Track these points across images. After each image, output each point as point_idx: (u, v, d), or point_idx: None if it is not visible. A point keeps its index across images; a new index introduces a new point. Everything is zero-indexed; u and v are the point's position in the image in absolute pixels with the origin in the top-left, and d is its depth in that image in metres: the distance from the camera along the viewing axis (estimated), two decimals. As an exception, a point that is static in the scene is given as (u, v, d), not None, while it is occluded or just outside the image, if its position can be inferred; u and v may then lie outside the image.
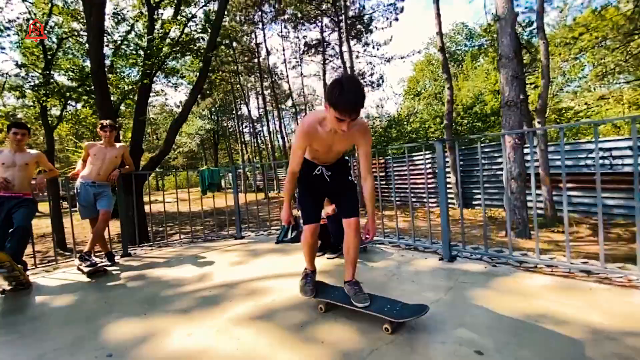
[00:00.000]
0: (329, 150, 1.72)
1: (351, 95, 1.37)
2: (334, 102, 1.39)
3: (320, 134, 1.60)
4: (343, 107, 1.37)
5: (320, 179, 1.82)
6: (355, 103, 1.38)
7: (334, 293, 1.81)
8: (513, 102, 4.73)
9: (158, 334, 1.66)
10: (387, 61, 18.81)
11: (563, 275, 2.06)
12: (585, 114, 13.98)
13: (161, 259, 3.30)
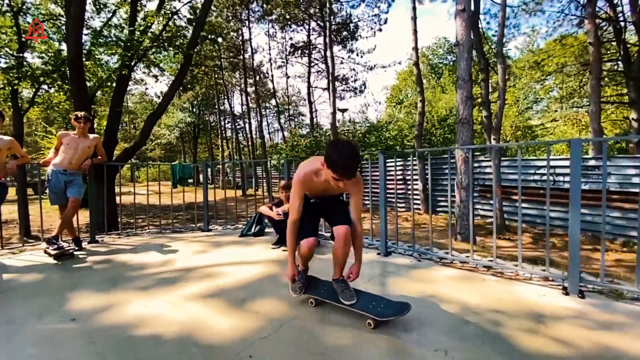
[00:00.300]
0: (323, 194, 1.87)
1: (348, 160, 1.50)
2: (333, 165, 1.52)
3: (315, 182, 1.74)
4: (342, 171, 1.51)
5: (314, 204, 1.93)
6: (352, 167, 1.51)
7: (323, 289, 1.90)
8: (466, 119, 5.26)
9: (118, 305, 1.92)
10: (369, 69, 19.45)
11: (469, 270, 2.50)
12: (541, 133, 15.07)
13: (128, 246, 3.50)
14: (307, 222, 1.89)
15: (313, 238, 1.85)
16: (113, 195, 5.86)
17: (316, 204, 1.92)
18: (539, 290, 2.07)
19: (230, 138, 25.90)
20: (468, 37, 5.36)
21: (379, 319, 1.57)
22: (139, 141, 6.83)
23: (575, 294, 1.96)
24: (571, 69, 13.12)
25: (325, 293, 1.85)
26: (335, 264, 1.84)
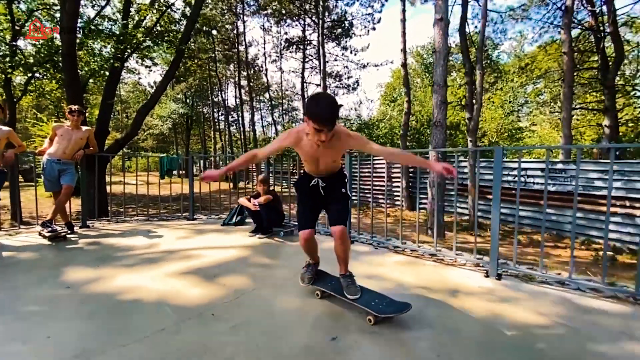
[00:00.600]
0: (317, 163, 1.82)
1: (325, 107, 1.54)
2: (311, 113, 1.54)
3: (305, 143, 1.72)
4: (319, 118, 1.52)
5: (315, 190, 1.91)
6: (330, 113, 1.53)
7: (330, 282, 1.97)
8: (439, 123, 5.63)
9: (106, 278, 2.25)
10: (362, 67, 19.72)
11: (416, 257, 2.87)
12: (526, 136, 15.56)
13: (117, 231, 3.81)
14: (306, 214, 1.92)
15: (309, 230, 1.86)
16: (104, 184, 6.11)
17: (317, 192, 1.90)
18: (467, 274, 2.46)
19: (224, 130, 25.99)
20: (445, 45, 5.70)
21: (380, 316, 1.62)
22: (130, 132, 7.06)
23: (493, 276, 2.35)
24: (554, 74, 13.61)
25: (331, 286, 1.92)
26: (339, 261, 1.87)
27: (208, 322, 1.66)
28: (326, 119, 1.53)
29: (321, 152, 1.73)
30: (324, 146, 1.64)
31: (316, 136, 1.57)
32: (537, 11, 12.55)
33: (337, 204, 1.89)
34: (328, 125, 1.54)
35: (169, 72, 7.60)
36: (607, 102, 9.67)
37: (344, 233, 1.77)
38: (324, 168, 1.86)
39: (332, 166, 1.89)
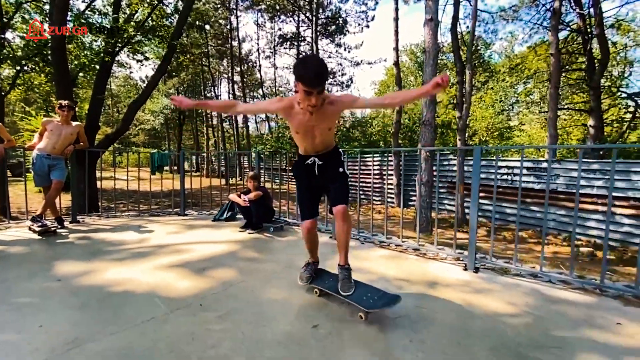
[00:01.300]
0: (312, 133, 1.75)
1: (313, 67, 1.50)
2: (299, 75, 1.51)
3: (297, 112, 1.67)
4: (307, 79, 1.48)
5: (312, 170, 1.86)
6: (318, 74, 1.50)
7: (327, 281, 1.98)
8: (428, 121, 5.75)
9: (97, 271, 2.30)
10: (356, 64, 19.77)
11: (400, 251, 2.98)
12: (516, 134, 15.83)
13: (107, 226, 3.84)
14: (306, 204, 1.91)
15: (310, 220, 1.87)
16: (94, 179, 6.09)
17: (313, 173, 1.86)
18: (447, 267, 2.58)
19: (217, 126, 25.83)
20: (435, 44, 5.80)
21: (369, 311, 1.64)
22: (121, 128, 7.03)
23: (471, 269, 2.47)
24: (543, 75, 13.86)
25: (328, 285, 1.93)
26: (339, 248, 1.84)
27: (196, 312, 1.74)
28: (315, 80, 1.49)
29: (315, 120, 1.68)
30: (317, 113, 1.62)
31: (306, 101, 1.55)
32: (527, 12, 12.74)
33: (335, 184, 1.85)
34: (317, 87, 1.51)
35: (160, 67, 7.55)
36: (592, 102, 9.91)
37: (345, 212, 1.74)
38: (320, 141, 1.79)
39: (328, 138, 1.83)
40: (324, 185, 1.92)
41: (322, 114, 1.66)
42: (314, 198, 1.96)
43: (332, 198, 1.84)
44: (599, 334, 1.63)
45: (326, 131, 1.79)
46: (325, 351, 1.42)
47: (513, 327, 1.66)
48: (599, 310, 1.88)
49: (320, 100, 1.57)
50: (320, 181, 1.90)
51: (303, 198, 1.94)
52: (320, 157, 1.85)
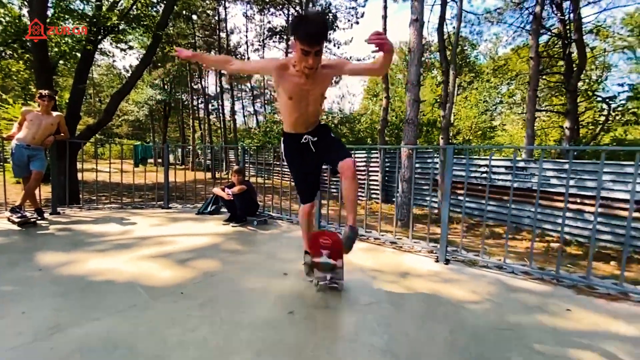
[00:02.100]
0: (306, 100, 1.67)
1: (314, 24, 1.41)
2: (297, 31, 1.41)
3: (292, 73, 1.59)
4: (307, 36, 1.39)
5: (306, 148, 1.80)
6: (318, 31, 1.41)
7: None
8: (411, 120, 5.91)
9: (78, 262, 2.33)
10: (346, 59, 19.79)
11: (378, 244, 3.12)
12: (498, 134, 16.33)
13: (89, 218, 3.82)
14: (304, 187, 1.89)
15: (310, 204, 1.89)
16: (75, 171, 5.98)
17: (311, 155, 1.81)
18: (420, 259, 2.73)
19: (203, 119, 25.44)
20: (419, 45, 5.94)
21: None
22: (103, 119, 6.89)
23: (442, 261, 2.63)
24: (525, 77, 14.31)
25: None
26: (348, 209, 1.73)
27: (177, 299, 1.81)
28: (315, 37, 1.41)
29: (310, 84, 1.60)
30: (312, 76, 1.55)
31: (303, 62, 1.47)
32: (511, 15, 13.10)
33: (333, 145, 1.79)
34: (317, 45, 1.43)
35: (145, 58, 7.42)
36: (568, 105, 10.36)
37: (354, 168, 1.65)
38: (312, 109, 1.73)
39: (319, 108, 1.78)
40: (319, 159, 1.86)
41: (317, 77, 1.60)
42: (312, 178, 1.92)
43: (334, 157, 1.72)
44: (549, 318, 1.80)
45: (319, 98, 1.74)
46: (299, 334, 1.52)
47: (473, 312, 1.82)
48: (552, 298, 2.06)
49: (317, 62, 1.49)
50: (316, 157, 1.83)
51: (301, 181, 1.89)
52: (313, 133, 1.80)
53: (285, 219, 4.13)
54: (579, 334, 1.65)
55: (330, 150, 1.78)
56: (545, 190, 7.29)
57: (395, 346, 1.45)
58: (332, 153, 1.76)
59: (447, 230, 2.66)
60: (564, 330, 1.67)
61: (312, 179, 1.95)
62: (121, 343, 1.38)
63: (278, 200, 4.63)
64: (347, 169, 1.65)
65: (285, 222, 4.05)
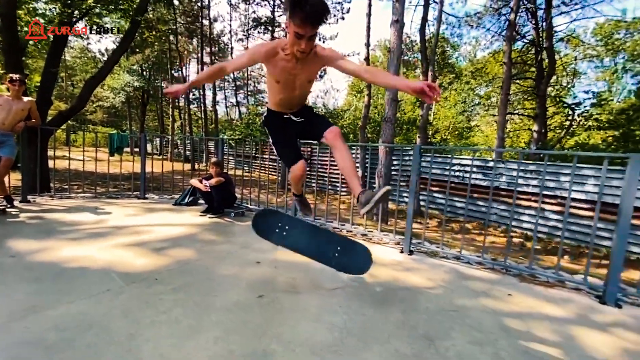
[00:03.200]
0: (293, 84, 1.64)
1: (311, 6, 1.31)
2: (293, 12, 1.32)
3: (280, 57, 1.54)
4: (303, 16, 1.31)
5: (289, 122, 1.81)
6: (317, 12, 1.32)
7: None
8: (389, 118, 6.12)
9: (51, 249, 2.35)
10: (331, 54, 19.83)
11: (350, 236, 3.29)
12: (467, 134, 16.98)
13: (61, 207, 3.76)
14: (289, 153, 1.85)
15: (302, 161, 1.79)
16: (46, 158, 5.78)
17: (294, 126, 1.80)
18: (387, 250, 2.93)
19: (184, 108, 24.78)
20: (399, 45, 6.13)
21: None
22: (77, 105, 6.65)
23: (406, 252, 2.84)
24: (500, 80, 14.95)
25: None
26: (349, 176, 1.63)
27: (151, 285, 1.90)
28: (312, 18, 1.33)
29: (299, 69, 1.56)
30: (302, 61, 1.50)
31: (295, 45, 1.41)
32: (490, 20, 13.60)
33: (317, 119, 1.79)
34: (313, 27, 1.36)
35: (122, 43, 7.20)
36: (538, 109, 10.97)
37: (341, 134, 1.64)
38: (299, 94, 1.71)
39: (306, 93, 1.76)
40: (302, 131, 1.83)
41: (307, 62, 1.55)
42: (296, 147, 1.91)
43: (319, 130, 1.70)
44: (491, 302, 2.03)
45: (306, 84, 1.70)
46: (266, 316, 1.66)
47: (426, 296, 2.02)
48: (498, 285, 2.31)
49: (310, 46, 1.44)
50: (300, 128, 1.81)
51: (285, 146, 1.84)
52: (296, 114, 1.80)
53: (262, 211, 4.22)
54: (514, 314, 1.88)
55: (314, 125, 1.76)
56: (511, 189, 7.76)
57: (352, 325, 1.61)
58: (316, 127, 1.74)
59: (412, 223, 2.87)
60: (502, 311, 1.90)
61: (295, 145, 1.91)
62: (95, 323, 1.47)
63: (258, 193, 4.71)
64: (334, 138, 1.64)
65: (262, 214, 4.14)
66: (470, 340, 1.55)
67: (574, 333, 1.70)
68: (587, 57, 18.94)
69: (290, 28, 1.40)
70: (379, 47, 27.85)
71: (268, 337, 1.46)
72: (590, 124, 12.19)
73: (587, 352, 1.54)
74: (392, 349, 1.44)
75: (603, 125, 11.36)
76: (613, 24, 16.33)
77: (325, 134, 1.66)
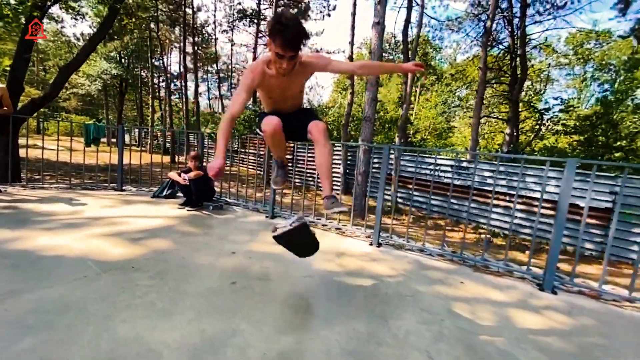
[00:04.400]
0: (284, 96, 1.67)
1: (292, 30, 1.36)
2: (275, 34, 1.37)
3: (268, 75, 1.56)
4: (283, 41, 1.36)
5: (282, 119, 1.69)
6: (295, 38, 1.37)
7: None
8: (369, 118, 6.32)
9: (26, 239, 2.37)
10: (316, 52, 19.87)
11: (325, 230, 3.47)
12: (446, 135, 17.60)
13: (34, 197, 3.72)
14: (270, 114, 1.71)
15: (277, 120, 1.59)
16: (17, 147, 5.58)
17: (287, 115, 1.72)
18: (358, 243, 3.12)
19: (164, 98, 24.11)
20: (379, 47, 6.32)
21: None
22: (50, 93, 6.43)
23: (375, 245, 3.04)
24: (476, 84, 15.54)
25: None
26: (323, 177, 1.68)
27: (128, 272, 1.99)
28: (292, 43, 1.39)
29: (287, 82, 1.60)
30: (289, 75, 1.54)
31: (277, 64, 1.45)
32: (470, 25, 14.08)
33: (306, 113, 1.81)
34: (293, 51, 1.41)
35: (100, 31, 7.00)
36: (510, 113, 11.54)
37: (326, 131, 1.64)
38: (291, 104, 1.74)
39: (299, 101, 1.80)
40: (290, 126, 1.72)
41: (294, 75, 1.58)
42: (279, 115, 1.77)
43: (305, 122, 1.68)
44: (445, 288, 2.25)
45: (297, 94, 1.75)
46: (237, 300, 1.80)
47: (387, 283, 2.22)
48: (454, 274, 2.54)
49: (292, 65, 1.48)
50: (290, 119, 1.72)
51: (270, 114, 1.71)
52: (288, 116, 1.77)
53: (242, 205, 4.32)
54: (462, 299, 2.11)
55: (299, 120, 1.74)
56: (482, 189, 8.21)
57: (317, 307, 1.78)
58: (301, 121, 1.72)
59: (381, 218, 3.07)
60: (452, 296, 2.13)
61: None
62: (73, 306, 1.56)
63: (240, 187, 4.80)
64: (317, 132, 1.63)
65: (241, 208, 4.25)
66: (419, 320, 1.75)
67: (510, 314, 1.95)
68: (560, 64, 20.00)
69: (272, 48, 1.44)
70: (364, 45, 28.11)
71: (238, 318, 1.60)
72: (558, 128, 12.95)
73: (517, 329, 1.78)
74: (351, 328, 1.62)
75: (569, 130, 12.11)
76: (584, 34, 17.28)
77: (310, 126, 1.65)
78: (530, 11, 12.20)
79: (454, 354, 1.48)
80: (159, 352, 1.30)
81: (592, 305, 2.19)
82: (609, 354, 1.63)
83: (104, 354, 1.26)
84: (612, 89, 15.64)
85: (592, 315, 2.03)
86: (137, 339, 1.36)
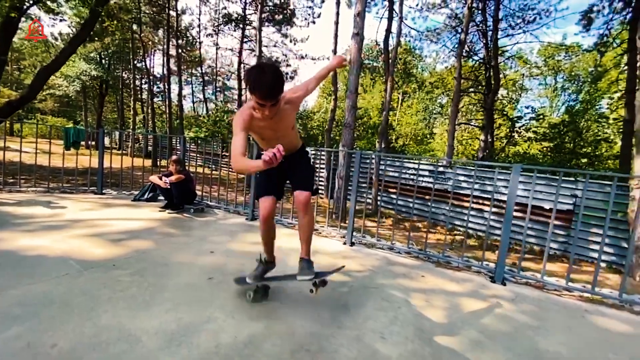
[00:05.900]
0: (276, 135, 1.70)
1: (268, 82, 1.42)
2: (252, 87, 1.44)
3: (257, 118, 1.59)
4: (260, 92, 1.43)
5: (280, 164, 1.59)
6: (271, 89, 1.43)
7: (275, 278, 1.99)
8: (349, 124, 6.58)
9: (6, 240, 2.43)
10: (301, 57, 20.17)
11: (301, 231, 3.65)
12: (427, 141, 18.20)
13: (11, 200, 3.72)
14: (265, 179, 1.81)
15: (271, 197, 1.73)
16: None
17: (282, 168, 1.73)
18: (332, 242, 3.32)
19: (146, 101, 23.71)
20: (358, 57, 6.61)
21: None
22: (27, 95, 6.37)
23: (348, 244, 3.25)
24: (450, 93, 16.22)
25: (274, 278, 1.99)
26: (301, 240, 1.82)
27: (109, 270, 2.10)
28: (269, 94, 1.45)
29: (275, 122, 1.64)
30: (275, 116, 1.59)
31: (260, 110, 1.51)
32: (448, 36, 14.75)
33: (302, 172, 1.83)
34: (271, 101, 1.47)
35: (80, 33, 6.98)
36: (484, 121, 12.14)
37: (308, 203, 1.70)
38: (286, 141, 1.69)
39: (293, 138, 1.81)
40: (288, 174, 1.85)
41: (281, 113, 1.64)
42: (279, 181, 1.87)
43: (297, 184, 1.77)
44: (407, 281, 2.48)
45: (289, 130, 1.77)
46: (213, 293, 1.95)
47: (355, 277, 2.43)
48: (417, 269, 2.78)
49: (274, 110, 1.54)
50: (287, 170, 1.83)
51: (262, 178, 1.82)
52: (289, 158, 1.80)
53: (222, 208, 4.45)
54: (420, 290, 2.34)
55: (294, 175, 1.82)
56: (458, 192, 8.61)
57: (285, 299, 1.96)
58: (297, 179, 1.80)
59: (353, 219, 3.28)
60: (412, 288, 2.36)
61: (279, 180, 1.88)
62: (57, 299, 1.67)
63: (222, 191, 4.91)
64: (299, 203, 1.72)
65: (222, 210, 4.37)
66: (378, 308, 1.96)
67: (461, 302, 2.19)
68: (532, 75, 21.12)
69: (252, 98, 1.50)
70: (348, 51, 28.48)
71: (213, 307, 1.76)
72: (530, 135, 13.70)
73: (464, 314, 2.01)
74: (315, 314, 1.80)
75: (539, 138, 12.85)
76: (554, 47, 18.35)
77: (295, 194, 1.73)
78: (503, 25, 12.95)
79: (404, 334, 1.69)
80: (139, 337, 1.44)
81: (534, 294, 2.47)
82: (540, 333, 1.89)
83: (87, 339, 1.39)
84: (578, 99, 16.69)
85: (533, 302, 2.30)
86: (118, 327, 1.50)
